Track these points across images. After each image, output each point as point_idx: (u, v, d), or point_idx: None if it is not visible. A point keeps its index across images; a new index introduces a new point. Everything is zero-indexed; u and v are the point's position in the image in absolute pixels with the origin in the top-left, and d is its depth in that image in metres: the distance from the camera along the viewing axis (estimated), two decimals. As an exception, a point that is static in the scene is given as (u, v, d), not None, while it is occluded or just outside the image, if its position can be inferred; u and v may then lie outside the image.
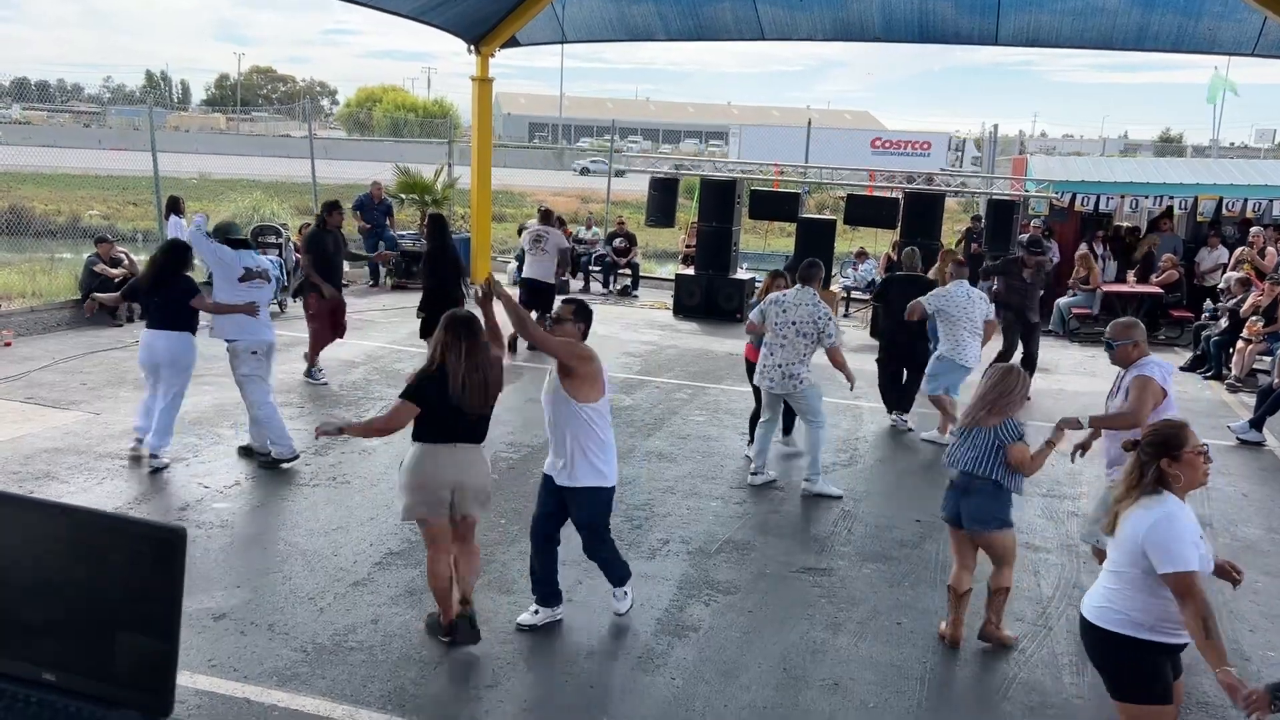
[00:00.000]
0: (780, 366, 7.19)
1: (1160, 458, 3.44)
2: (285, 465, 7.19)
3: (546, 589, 5.05)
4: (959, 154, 44.83)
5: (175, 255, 7.14)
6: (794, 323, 7.12)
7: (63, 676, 1.76)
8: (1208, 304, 14.35)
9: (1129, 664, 3.51)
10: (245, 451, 7.42)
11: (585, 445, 4.80)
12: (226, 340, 7.26)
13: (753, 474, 7.41)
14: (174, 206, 13.35)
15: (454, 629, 4.75)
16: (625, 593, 5.21)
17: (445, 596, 4.76)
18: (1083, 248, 15.48)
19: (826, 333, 7.11)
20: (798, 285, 7.33)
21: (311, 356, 9.73)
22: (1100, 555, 5.85)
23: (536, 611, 5.04)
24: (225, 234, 7.45)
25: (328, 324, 9.72)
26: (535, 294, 11.44)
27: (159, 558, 1.68)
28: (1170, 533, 3.35)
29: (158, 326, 7.03)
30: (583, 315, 5.00)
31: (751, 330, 7.70)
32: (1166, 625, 3.41)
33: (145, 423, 7.22)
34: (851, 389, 7.66)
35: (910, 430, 9.05)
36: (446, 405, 4.54)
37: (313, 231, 10.01)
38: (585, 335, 4.97)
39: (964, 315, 8.41)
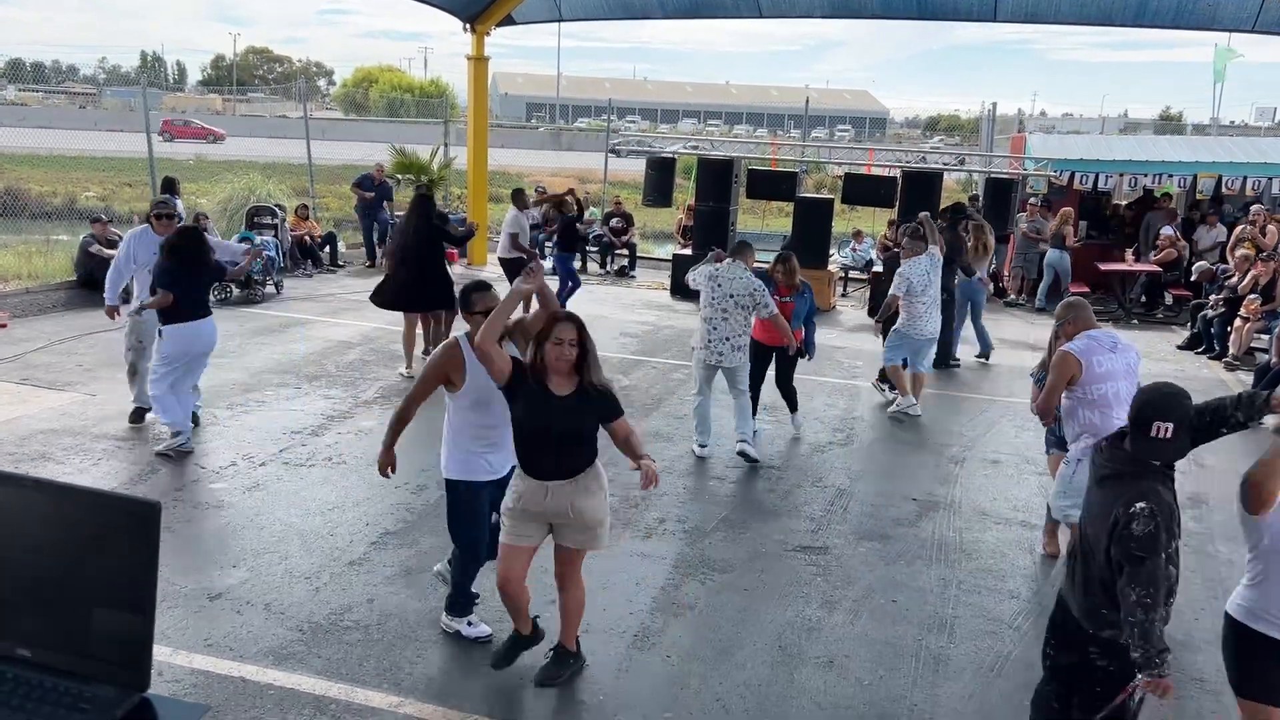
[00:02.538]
0: (728, 340, 7.33)
1: None
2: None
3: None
4: None
5: (200, 240, 7.12)
6: (731, 295, 7.27)
7: (39, 652, 1.75)
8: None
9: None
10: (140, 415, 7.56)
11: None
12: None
13: (701, 446, 7.53)
14: (169, 187, 13.28)
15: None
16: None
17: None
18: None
19: (763, 304, 7.29)
20: (729, 259, 7.46)
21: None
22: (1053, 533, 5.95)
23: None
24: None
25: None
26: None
27: (134, 532, 1.67)
28: None
29: (205, 314, 7.05)
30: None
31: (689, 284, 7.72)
32: None
33: (182, 416, 7.13)
34: (791, 350, 7.76)
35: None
36: None
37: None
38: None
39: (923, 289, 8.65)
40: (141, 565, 1.67)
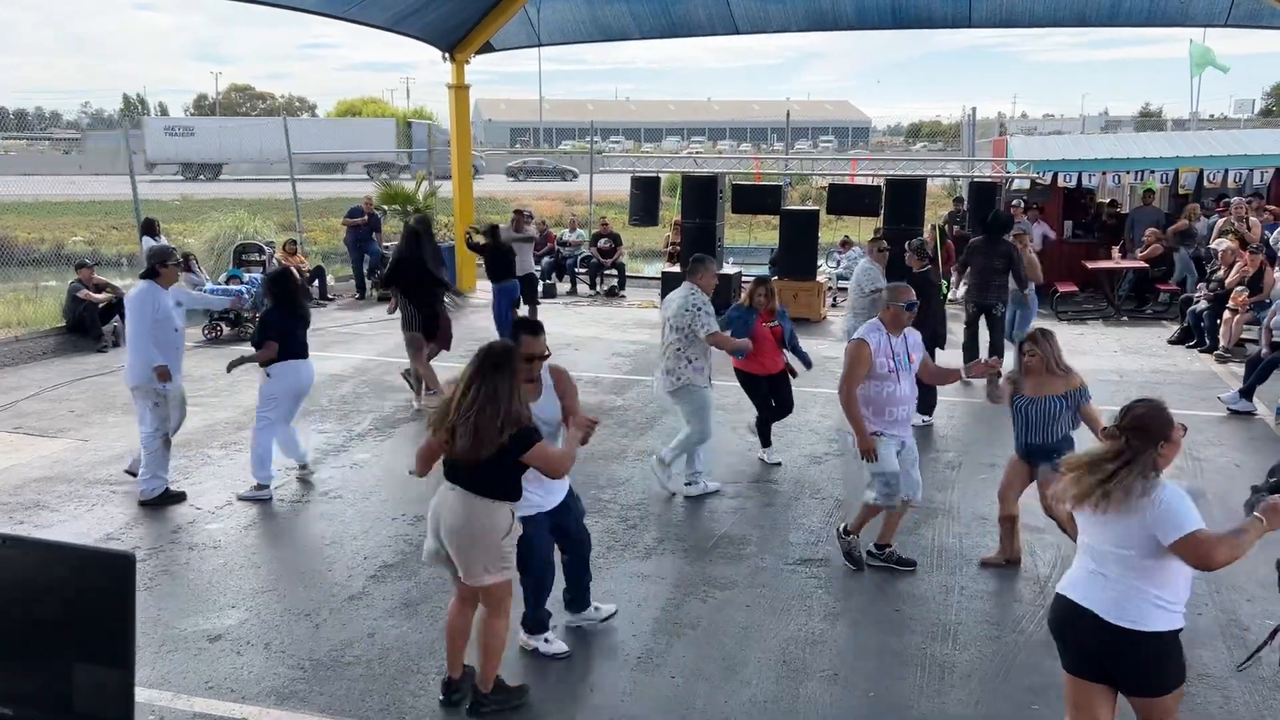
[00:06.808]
0: (660, 363, 6.92)
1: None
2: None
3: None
4: None
5: (295, 282, 7.38)
6: (667, 319, 6.84)
7: (19, 710, 1.73)
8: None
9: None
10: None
11: None
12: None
13: (687, 484, 7.03)
14: (148, 229, 13.27)
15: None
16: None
17: (451, 649, 4.41)
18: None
19: (698, 323, 6.65)
20: (685, 282, 6.90)
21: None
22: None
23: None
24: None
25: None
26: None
27: (110, 585, 1.65)
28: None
29: (306, 355, 7.18)
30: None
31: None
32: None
33: (301, 450, 7.42)
34: (743, 355, 7.27)
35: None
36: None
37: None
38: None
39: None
40: (119, 618, 1.65)
